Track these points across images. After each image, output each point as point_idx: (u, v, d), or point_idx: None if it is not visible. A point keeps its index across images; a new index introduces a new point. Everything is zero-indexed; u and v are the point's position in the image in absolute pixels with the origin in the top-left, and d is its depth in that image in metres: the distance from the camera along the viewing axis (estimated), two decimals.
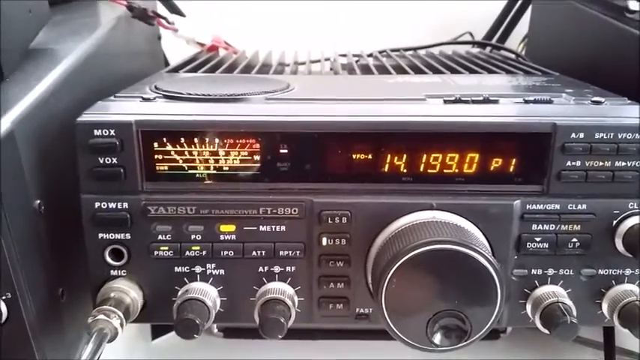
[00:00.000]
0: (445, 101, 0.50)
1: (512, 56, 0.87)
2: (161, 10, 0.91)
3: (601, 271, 0.48)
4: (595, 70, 0.63)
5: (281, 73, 0.75)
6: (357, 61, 0.82)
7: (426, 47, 0.94)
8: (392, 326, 0.44)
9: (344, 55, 0.87)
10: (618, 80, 0.57)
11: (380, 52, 0.90)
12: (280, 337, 0.46)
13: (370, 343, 0.64)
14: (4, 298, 0.45)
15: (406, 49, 0.92)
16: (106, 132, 0.45)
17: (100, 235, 0.47)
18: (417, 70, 0.70)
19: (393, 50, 0.91)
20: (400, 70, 0.71)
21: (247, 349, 0.64)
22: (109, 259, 0.48)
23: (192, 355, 0.63)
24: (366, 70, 0.74)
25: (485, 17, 1.04)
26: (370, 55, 0.88)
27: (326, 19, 1.10)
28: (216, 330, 0.65)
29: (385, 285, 0.43)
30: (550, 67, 0.68)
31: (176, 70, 0.69)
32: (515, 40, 1.00)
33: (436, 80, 0.62)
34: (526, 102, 0.49)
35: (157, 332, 0.66)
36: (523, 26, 0.96)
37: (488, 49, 0.98)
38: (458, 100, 0.49)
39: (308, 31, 1.07)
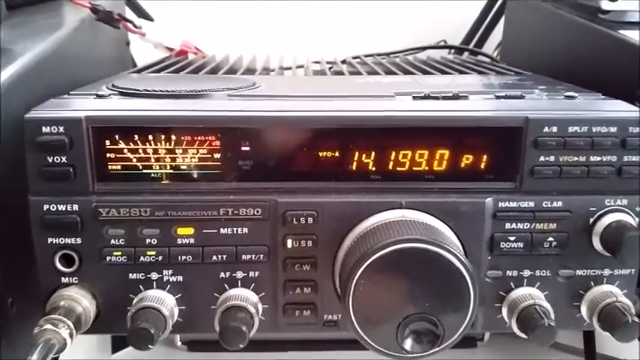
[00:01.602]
0: (414, 97, 0.48)
1: (487, 60, 0.86)
2: (129, 14, 0.89)
3: (579, 272, 0.46)
4: (569, 71, 0.62)
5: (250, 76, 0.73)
6: (330, 68, 0.80)
7: (400, 52, 0.93)
8: (360, 332, 0.42)
9: (317, 62, 0.85)
10: (593, 80, 0.55)
11: (353, 58, 0.88)
12: (242, 346, 0.43)
13: (343, 354, 0.62)
14: None
15: (380, 54, 0.90)
16: (54, 129, 0.42)
17: (50, 240, 0.44)
18: (389, 72, 0.68)
19: (366, 56, 0.90)
20: (372, 72, 0.69)
21: None
22: (59, 266, 0.45)
23: None
24: (337, 74, 0.72)
25: (461, 26, 1.04)
26: (344, 62, 0.86)
27: (299, 27, 1.08)
28: (179, 343, 0.62)
29: (352, 288, 0.40)
30: (524, 69, 0.67)
31: (140, 71, 0.67)
32: (491, 48, 0.99)
33: (406, 80, 0.61)
34: (497, 97, 0.48)
35: (117, 345, 0.62)
36: (499, 34, 0.95)
37: (465, 54, 0.97)
38: (427, 97, 0.48)
39: (281, 37, 1.05)
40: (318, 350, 0.63)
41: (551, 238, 0.45)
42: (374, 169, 0.45)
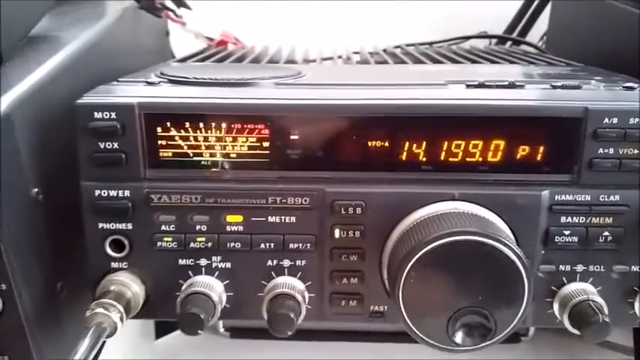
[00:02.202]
0: (468, 86, 0.47)
1: (533, 50, 0.84)
2: (169, 3, 0.89)
3: (634, 268, 0.45)
4: (622, 63, 0.60)
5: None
6: (371, 57, 0.79)
7: (443, 42, 0.91)
8: (410, 324, 0.41)
9: (357, 53, 0.84)
10: None
11: (395, 47, 0.87)
12: (290, 333, 0.43)
13: (382, 346, 0.61)
14: None
15: (422, 44, 0.89)
16: (107, 115, 0.43)
17: (100, 225, 0.45)
18: (435, 61, 0.67)
19: (408, 45, 0.89)
20: (417, 61, 0.68)
21: (254, 349, 0.61)
22: (109, 251, 0.46)
23: (198, 355, 0.61)
24: (380, 62, 0.71)
25: (502, 16, 1.01)
26: (385, 51, 0.85)
27: (339, 18, 1.07)
28: (222, 329, 0.63)
29: (403, 280, 0.40)
30: (572, 60, 0.65)
31: (183, 60, 0.67)
32: (534, 39, 0.97)
33: (455, 69, 0.59)
34: (554, 87, 0.47)
35: (160, 331, 0.63)
36: (541, 24, 0.93)
37: (508, 44, 0.95)
38: (481, 85, 0.47)
39: (318, 27, 1.04)
40: (356, 342, 0.62)
41: (606, 233, 0.44)
42: (425, 159, 0.44)
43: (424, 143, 0.44)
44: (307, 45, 0.88)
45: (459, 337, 0.40)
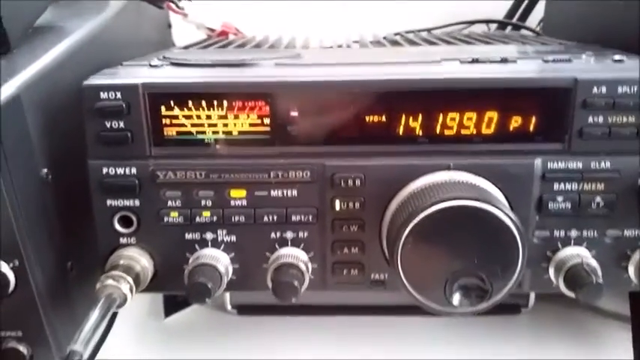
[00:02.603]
0: (461, 62, 0.48)
1: (530, 34, 0.85)
2: None
3: (627, 233, 0.46)
4: (616, 42, 0.61)
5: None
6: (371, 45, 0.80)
7: (441, 27, 0.92)
8: (409, 289, 0.43)
9: (357, 42, 0.85)
10: None
11: (395, 34, 0.88)
12: (294, 300, 0.44)
13: (388, 320, 0.63)
14: (11, 265, 0.44)
15: (421, 30, 0.90)
16: (112, 95, 0.44)
17: (109, 202, 0.46)
18: (431, 44, 0.68)
19: (407, 32, 0.90)
20: (413, 44, 0.69)
21: (262, 326, 0.62)
22: (118, 227, 0.47)
23: (206, 333, 0.62)
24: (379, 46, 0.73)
25: (500, 5, 1.02)
26: (385, 38, 0.86)
27: (340, 8, 1.08)
28: (229, 307, 0.64)
29: (401, 246, 0.41)
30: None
31: (186, 48, 0.69)
32: (533, 24, 0.98)
33: (451, 49, 0.61)
34: (545, 61, 0.48)
35: (169, 310, 0.65)
36: (541, 11, 0.94)
37: (508, 29, 0.96)
38: (475, 61, 0.48)
39: (318, 18, 1.06)
40: (362, 316, 0.64)
41: (598, 199, 0.45)
42: (421, 132, 0.45)
43: (420, 117, 0.45)
44: (307, 34, 0.89)
45: (456, 299, 0.42)
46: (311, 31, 0.92)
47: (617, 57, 0.48)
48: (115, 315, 0.55)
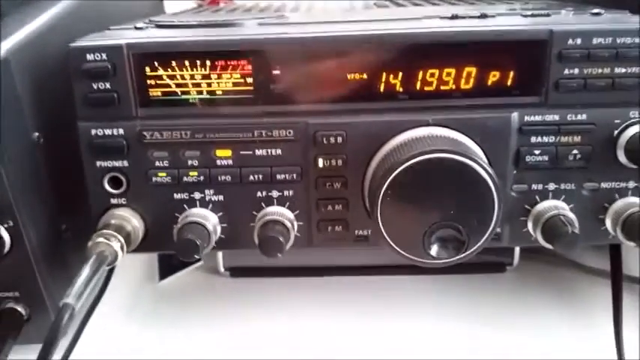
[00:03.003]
0: (441, 18, 0.49)
1: None
2: None
3: (604, 185, 0.47)
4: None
5: None
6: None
7: None
8: (389, 241, 0.44)
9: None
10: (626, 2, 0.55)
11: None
12: (279, 255, 0.46)
13: (375, 279, 0.64)
14: (6, 226, 0.46)
15: None
16: (98, 56, 0.45)
17: (98, 164, 0.48)
18: (416, 5, 0.68)
19: None
20: (399, 6, 0.69)
21: (254, 287, 0.64)
22: (108, 187, 0.48)
23: (200, 295, 0.64)
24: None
25: None
26: (374, 4, 0.86)
27: None
28: (222, 269, 0.66)
29: (380, 199, 0.42)
30: None
31: (175, 14, 0.69)
32: None
33: (434, 8, 0.61)
34: (524, 16, 0.48)
35: (164, 273, 0.66)
36: None
37: None
38: (454, 17, 0.49)
39: None
40: (353, 276, 0.65)
41: (575, 151, 0.46)
42: (401, 89, 0.46)
43: (400, 74, 0.46)
44: (297, 1, 0.89)
45: (434, 250, 0.43)
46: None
47: (595, 10, 0.49)
48: (110, 274, 0.57)
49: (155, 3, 0.88)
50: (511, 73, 0.45)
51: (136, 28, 0.50)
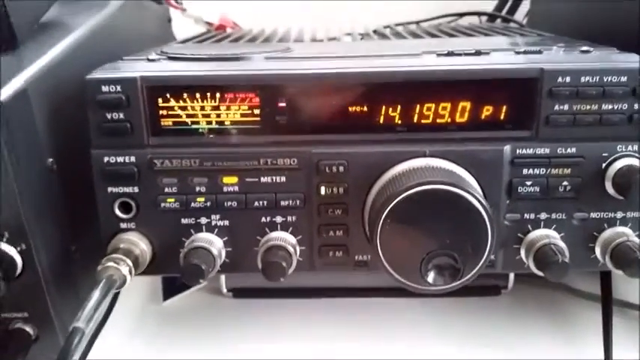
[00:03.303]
0: (438, 55, 0.51)
1: (515, 26, 0.88)
2: None
3: (593, 215, 0.49)
4: (590, 32, 0.63)
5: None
6: (361, 39, 0.83)
7: (430, 20, 0.95)
8: (388, 268, 0.46)
9: (349, 34, 0.88)
10: (611, 38, 0.57)
11: (384, 27, 0.91)
12: (282, 279, 0.47)
13: (372, 301, 0.66)
14: (18, 249, 0.47)
15: (410, 23, 0.93)
16: (112, 88, 0.47)
17: (110, 189, 0.49)
18: (416, 37, 0.71)
19: (397, 25, 0.93)
20: (400, 37, 0.72)
21: (257, 308, 0.65)
22: (118, 212, 0.50)
23: (203, 315, 0.65)
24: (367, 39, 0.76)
25: None
26: (375, 32, 0.89)
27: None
28: (225, 290, 0.67)
29: (380, 226, 0.44)
30: (549, 33, 0.69)
31: (184, 42, 0.72)
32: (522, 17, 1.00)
33: (433, 42, 0.64)
34: (517, 53, 0.51)
35: (168, 293, 0.68)
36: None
37: (498, 22, 0.98)
38: (450, 54, 0.51)
39: (314, 12, 1.08)
40: (354, 297, 0.67)
41: (565, 183, 0.48)
42: (400, 121, 0.48)
43: (399, 107, 0.48)
44: (301, 27, 0.92)
45: (430, 277, 0.45)
46: (307, 23, 0.95)
47: (584, 48, 0.51)
48: (116, 296, 0.58)
49: (164, 25, 0.91)
50: (504, 108, 0.48)
51: (149, 59, 0.52)
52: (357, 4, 1.10)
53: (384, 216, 0.44)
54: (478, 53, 0.50)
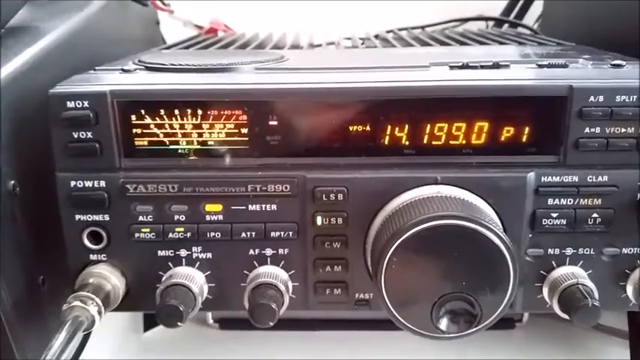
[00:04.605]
0: (451, 67, 0.46)
1: (527, 32, 0.83)
2: None
3: (625, 250, 0.44)
4: (614, 41, 0.58)
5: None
6: (362, 43, 0.78)
7: (435, 25, 0.90)
8: (393, 312, 0.40)
9: (349, 39, 0.83)
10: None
11: (387, 32, 0.86)
12: (271, 324, 0.42)
13: (374, 334, 0.61)
14: None
15: (414, 28, 0.88)
16: (79, 104, 0.42)
17: (77, 217, 0.45)
18: (424, 45, 0.66)
19: (400, 29, 0.87)
20: (405, 45, 0.67)
21: (245, 340, 0.61)
22: (87, 243, 0.45)
23: (187, 348, 0.61)
24: (369, 47, 0.70)
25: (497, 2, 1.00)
26: (377, 37, 0.84)
27: (334, 3, 1.06)
28: (211, 321, 0.62)
29: (385, 266, 0.39)
30: (566, 41, 0.64)
31: (168, 48, 0.66)
32: (532, 21, 0.95)
33: (442, 51, 0.58)
34: (539, 67, 0.46)
35: (149, 324, 0.63)
36: (538, 7, 0.91)
37: (505, 27, 0.93)
38: (465, 66, 0.46)
39: (312, 14, 1.03)
40: (348, 330, 0.62)
41: (595, 215, 0.43)
42: (407, 143, 0.43)
43: (406, 126, 0.43)
44: (298, 31, 0.87)
45: (443, 323, 0.40)
46: (304, 26, 0.90)
47: (615, 62, 0.46)
48: (88, 334, 0.53)
49: (152, 28, 0.86)
50: (526, 130, 0.43)
51: (123, 70, 0.47)
52: (357, 6, 1.04)
53: (389, 254, 0.39)
54: (496, 66, 0.45)
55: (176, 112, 0.43)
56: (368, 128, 0.43)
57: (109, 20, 0.68)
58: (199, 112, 0.43)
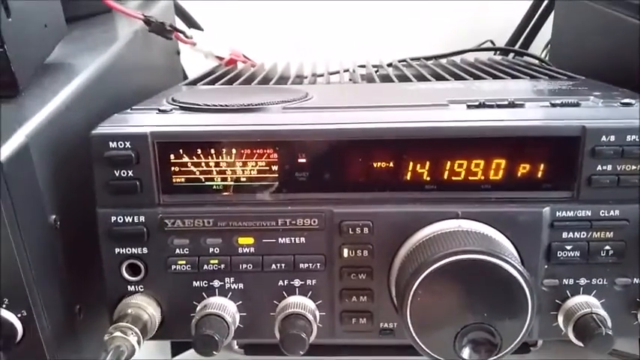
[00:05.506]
0: (468, 106, 0.48)
1: (536, 62, 0.85)
2: (179, 24, 0.92)
3: (636, 280, 0.46)
4: (622, 73, 0.61)
5: (299, 84, 0.74)
6: (376, 71, 0.81)
7: (447, 55, 0.93)
8: (418, 341, 0.42)
9: (363, 66, 0.86)
10: None
11: (400, 62, 0.89)
12: (302, 353, 0.44)
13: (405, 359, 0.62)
14: (19, 316, 0.44)
15: (427, 58, 0.90)
16: (121, 144, 0.44)
17: (117, 250, 0.46)
18: (439, 78, 0.68)
19: (413, 59, 0.90)
20: (421, 78, 0.69)
21: None
22: (125, 275, 0.47)
23: None
24: (385, 79, 0.73)
25: (506, 25, 1.02)
26: (390, 65, 0.86)
27: (345, 30, 1.09)
28: (236, 347, 0.64)
29: (410, 298, 0.41)
30: (575, 72, 0.66)
31: (194, 82, 0.69)
32: (538, 48, 0.98)
33: (458, 86, 0.61)
34: (553, 105, 0.48)
35: (176, 349, 0.64)
36: (546, 33, 0.94)
37: (511, 55, 0.96)
38: (482, 105, 0.48)
39: (327, 43, 1.06)
40: (372, 356, 0.63)
41: (608, 247, 0.45)
42: (429, 179, 0.45)
43: (427, 163, 0.45)
44: (315, 60, 0.90)
45: (466, 353, 0.41)
46: (319, 51, 0.93)
47: (625, 100, 0.48)
48: None
49: (173, 58, 0.88)
50: (542, 166, 0.45)
51: (160, 110, 0.49)
52: (367, 33, 1.08)
53: (414, 287, 0.41)
54: (512, 105, 0.47)
55: (212, 151, 0.45)
56: (391, 165, 0.45)
57: (136, 53, 0.70)
58: (233, 151, 0.45)
